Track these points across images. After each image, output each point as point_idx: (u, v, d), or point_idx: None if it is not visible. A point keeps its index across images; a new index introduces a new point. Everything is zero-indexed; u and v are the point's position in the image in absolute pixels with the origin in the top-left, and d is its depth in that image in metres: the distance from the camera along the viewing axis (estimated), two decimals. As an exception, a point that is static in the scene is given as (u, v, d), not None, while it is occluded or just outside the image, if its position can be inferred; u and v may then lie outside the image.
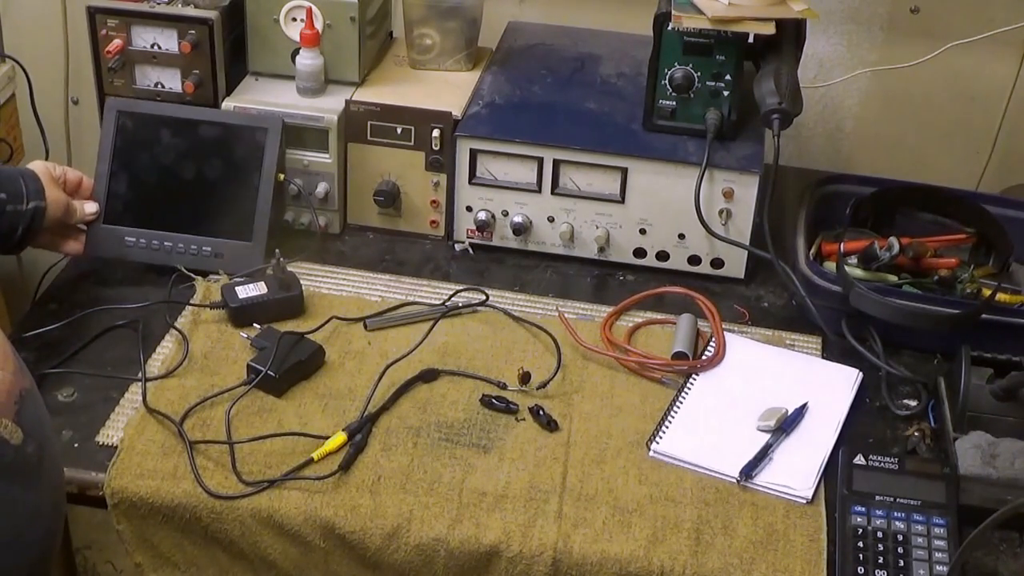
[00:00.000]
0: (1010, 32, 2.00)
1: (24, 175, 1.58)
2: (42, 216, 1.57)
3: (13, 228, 1.55)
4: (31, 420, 1.09)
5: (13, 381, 1.07)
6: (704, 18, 1.65)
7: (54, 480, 1.15)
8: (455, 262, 1.79)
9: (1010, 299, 1.67)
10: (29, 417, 1.08)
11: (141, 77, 1.80)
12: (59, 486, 1.17)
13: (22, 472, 1.07)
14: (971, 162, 2.16)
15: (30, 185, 1.57)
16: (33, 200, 1.56)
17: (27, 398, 1.10)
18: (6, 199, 1.54)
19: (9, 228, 1.55)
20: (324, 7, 1.78)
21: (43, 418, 1.14)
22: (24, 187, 1.56)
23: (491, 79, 1.88)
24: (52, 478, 1.13)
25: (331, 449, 1.42)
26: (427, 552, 1.35)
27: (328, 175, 1.79)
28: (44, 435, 1.13)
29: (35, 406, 1.12)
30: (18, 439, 1.06)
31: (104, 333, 1.58)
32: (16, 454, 1.05)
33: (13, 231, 1.56)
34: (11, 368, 1.08)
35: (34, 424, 1.09)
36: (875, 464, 1.42)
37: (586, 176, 1.74)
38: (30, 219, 1.56)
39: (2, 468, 1.03)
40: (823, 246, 1.76)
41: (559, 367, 1.56)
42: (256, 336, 1.57)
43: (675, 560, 1.33)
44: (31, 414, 1.09)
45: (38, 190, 1.57)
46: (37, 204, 1.56)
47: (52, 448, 1.15)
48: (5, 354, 1.08)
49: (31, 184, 1.57)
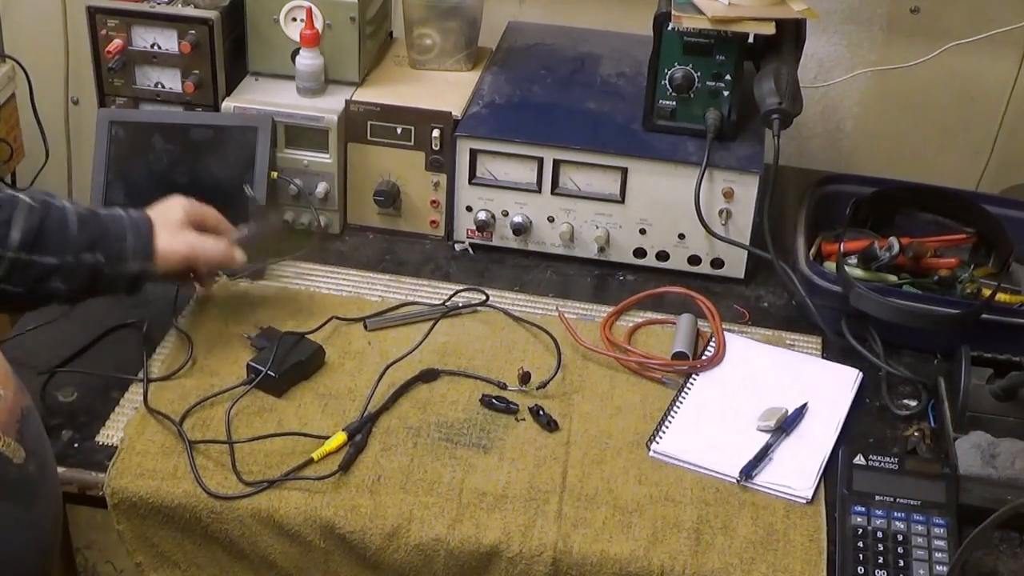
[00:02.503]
0: (1010, 32, 2.00)
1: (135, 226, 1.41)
2: (149, 277, 1.43)
3: (112, 287, 1.41)
4: (32, 438, 1.08)
5: (14, 400, 1.07)
6: (704, 18, 1.65)
7: (53, 498, 1.14)
8: (455, 262, 1.79)
9: (1010, 299, 1.67)
10: (30, 435, 1.08)
11: (141, 77, 1.80)
12: (57, 504, 1.16)
13: (24, 490, 1.06)
14: (971, 162, 2.16)
15: (137, 242, 1.40)
16: (139, 260, 1.40)
17: (28, 416, 1.09)
18: (103, 262, 1.38)
19: (108, 288, 1.41)
20: (324, 7, 1.78)
21: (42, 436, 1.13)
22: (129, 244, 1.40)
23: (491, 79, 1.88)
24: (51, 496, 1.13)
25: (331, 449, 1.42)
26: (427, 552, 1.35)
27: (328, 175, 1.79)
28: (44, 453, 1.12)
29: (35, 424, 1.11)
30: (20, 457, 1.05)
31: (106, 334, 1.58)
32: (19, 472, 1.05)
33: (113, 289, 1.42)
34: (12, 387, 1.07)
35: (35, 442, 1.09)
36: (875, 464, 1.42)
37: (586, 176, 1.74)
38: (132, 281, 1.42)
39: (5, 486, 1.03)
40: (823, 246, 1.76)
41: (559, 367, 1.56)
42: (256, 336, 1.57)
43: (675, 560, 1.33)
44: (32, 432, 1.09)
45: (146, 248, 1.41)
46: (144, 268, 1.41)
47: (50, 465, 1.14)
48: (6, 373, 1.08)
49: (138, 241, 1.40)
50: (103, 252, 1.38)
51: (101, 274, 1.39)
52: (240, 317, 1.62)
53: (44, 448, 1.13)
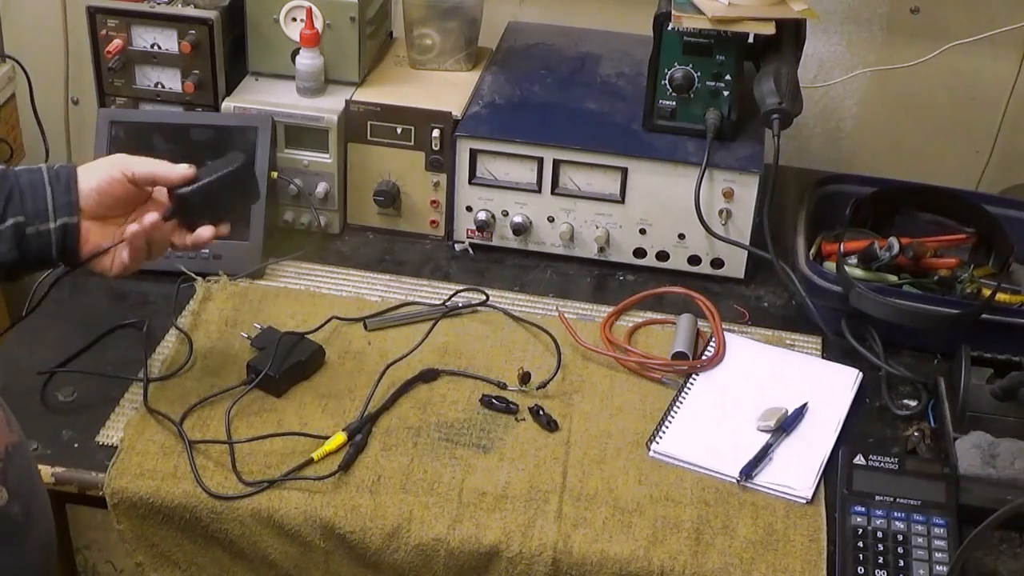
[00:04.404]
0: (1010, 32, 2.00)
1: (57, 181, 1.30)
2: (75, 235, 1.30)
3: (44, 252, 1.29)
4: (17, 478, 1.05)
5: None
6: (704, 18, 1.65)
7: (42, 537, 1.10)
8: (455, 262, 1.79)
9: (1010, 299, 1.67)
10: (15, 475, 1.04)
11: (141, 77, 1.80)
12: (48, 543, 1.13)
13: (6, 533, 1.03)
14: (971, 162, 2.16)
15: (59, 198, 1.29)
16: (62, 216, 1.28)
17: (14, 454, 1.05)
18: (24, 222, 1.27)
19: (39, 253, 1.29)
20: (324, 7, 1.78)
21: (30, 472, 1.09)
22: (51, 201, 1.28)
23: (491, 79, 1.88)
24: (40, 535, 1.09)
25: (331, 449, 1.42)
26: (427, 552, 1.35)
27: (328, 175, 1.79)
28: (31, 491, 1.08)
29: (22, 461, 1.07)
30: (2, 500, 1.03)
31: (106, 334, 1.58)
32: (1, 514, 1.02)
33: (46, 255, 1.30)
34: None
35: (20, 482, 1.05)
36: (875, 464, 1.42)
37: (586, 176, 1.74)
38: (61, 240, 1.29)
39: None
40: (823, 246, 1.76)
41: (559, 367, 1.56)
42: (256, 336, 1.57)
43: (675, 560, 1.33)
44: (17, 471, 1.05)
45: (69, 203, 1.29)
46: (66, 221, 1.29)
47: (39, 503, 1.10)
48: None
49: (60, 196, 1.29)
50: (23, 209, 1.27)
51: (24, 235, 1.27)
52: (240, 317, 1.62)
53: (31, 486, 1.09)
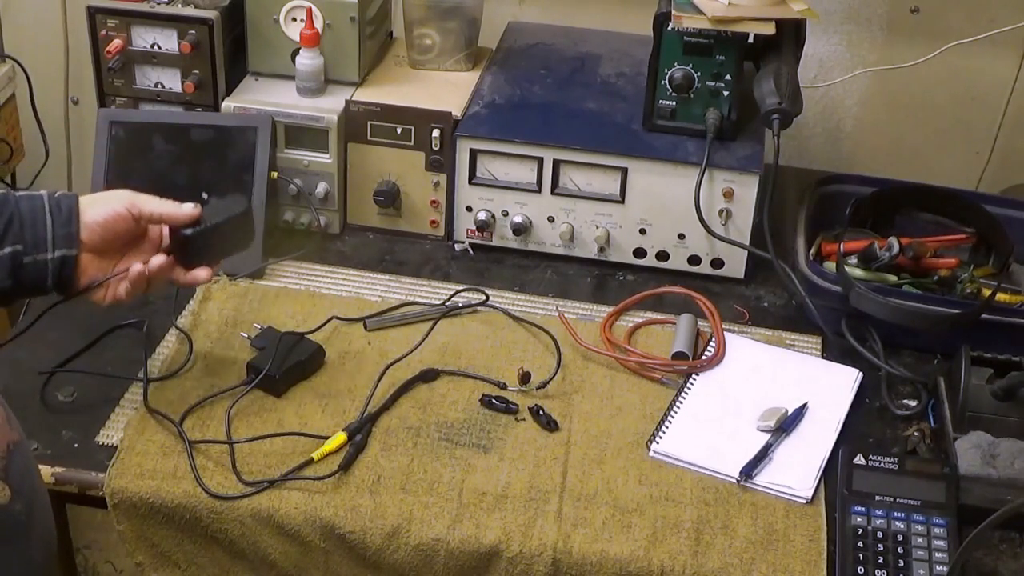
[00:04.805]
0: (1010, 32, 2.00)
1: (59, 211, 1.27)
2: (73, 266, 1.28)
3: (40, 281, 1.27)
4: (18, 476, 1.05)
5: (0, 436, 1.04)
6: (704, 18, 1.65)
7: (44, 535, 1.11)
8: (455, 262, 1.79)
9: (1010, 299, 1.67)
10: (16, 473, 1.05)
11: (141, 77, 1.80)
12: (49, 540, 1.13)
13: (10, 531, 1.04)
14: (971, 162, 2.16)
15: (59, 230, 1.26)
16: (61, 248, 1.26)
17: (15, 452, 1.06)
18: (22, 251, 1.24)
19: (34, 282, 1.27)
20: (324, 7, 1.78)
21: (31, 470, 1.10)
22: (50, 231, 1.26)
23: (491, 79, 1.88)
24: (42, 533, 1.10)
25: (331, 449, 1.42)
26: (427, 552, 1.35)
27: (328, 175, 1.79)
28: (32, 488, 1.09)
29: (23, 459, 1.08)
30: (5, 498, 1.03)
31: (106, 334, 1.58)
32: (3, 514, 1.03)
33: (41, 285, 1.28)
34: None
35: (22, 480, 1.06)
36: (875, 464, 1.42)
37: (586, 176, 1.74)
38: (58, 271, 1.27)
39: None
40: (823, 246, 1.76)
41: (559, 367, 1.56)
42: (256, 336, 1.57)
43: (675, 560, 1.33)
44: (18, 469, 1.06)
45: (69, 235, 1.26)
46: (65, 254, 1.26)
47: (40, 500, 1.11)
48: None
49: (61, 228, 1.26)
50: (22, 239, 1.24)
51: (21, 264, 1.25)
52: (240, 317, 1.62)
53: (33, 484, 1.09)
